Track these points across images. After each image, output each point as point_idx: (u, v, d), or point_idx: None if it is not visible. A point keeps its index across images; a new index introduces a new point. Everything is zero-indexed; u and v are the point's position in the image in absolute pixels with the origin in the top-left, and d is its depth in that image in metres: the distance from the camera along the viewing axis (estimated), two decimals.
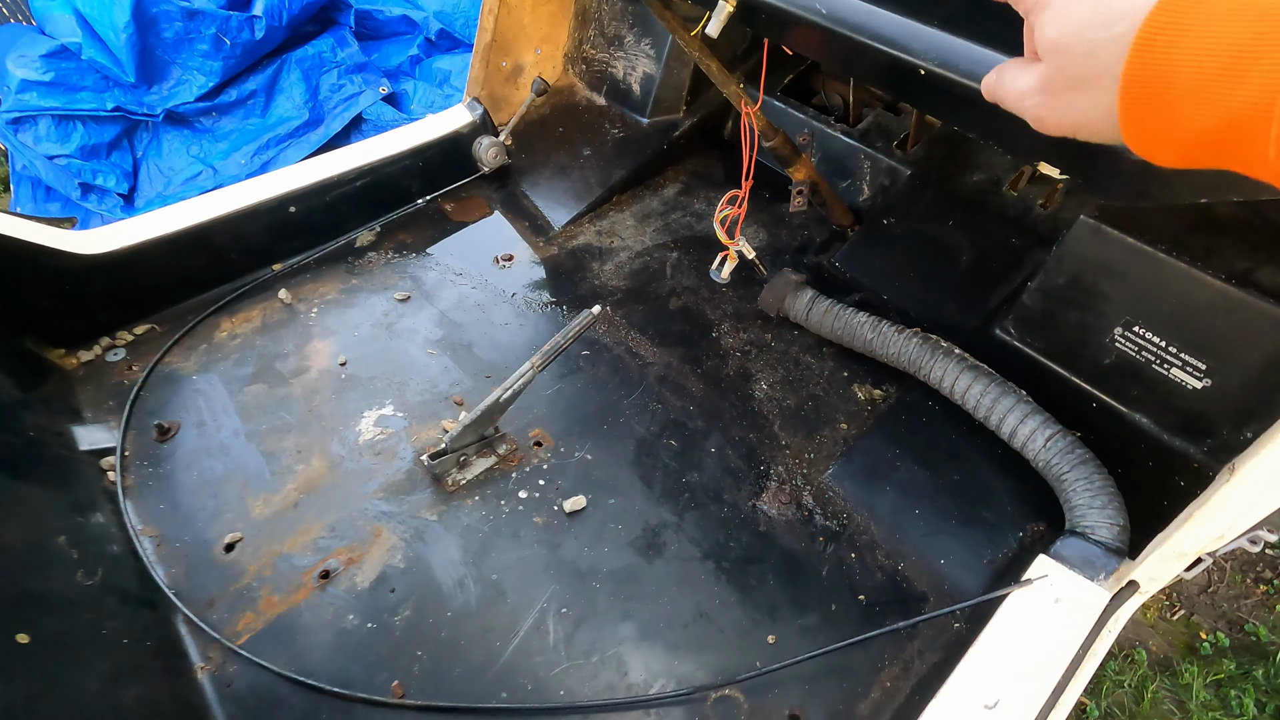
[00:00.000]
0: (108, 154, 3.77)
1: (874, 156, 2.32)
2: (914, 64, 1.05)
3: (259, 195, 2.09)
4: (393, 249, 2.29)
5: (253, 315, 2.06)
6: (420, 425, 1.80)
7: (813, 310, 1.97)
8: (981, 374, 1.68)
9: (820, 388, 1.95)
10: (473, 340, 2.02)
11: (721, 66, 1.85)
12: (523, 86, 2.65)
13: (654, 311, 2.13)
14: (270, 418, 1.80)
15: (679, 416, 1.86)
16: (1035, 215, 2.06)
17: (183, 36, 3.57)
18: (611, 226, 2.40)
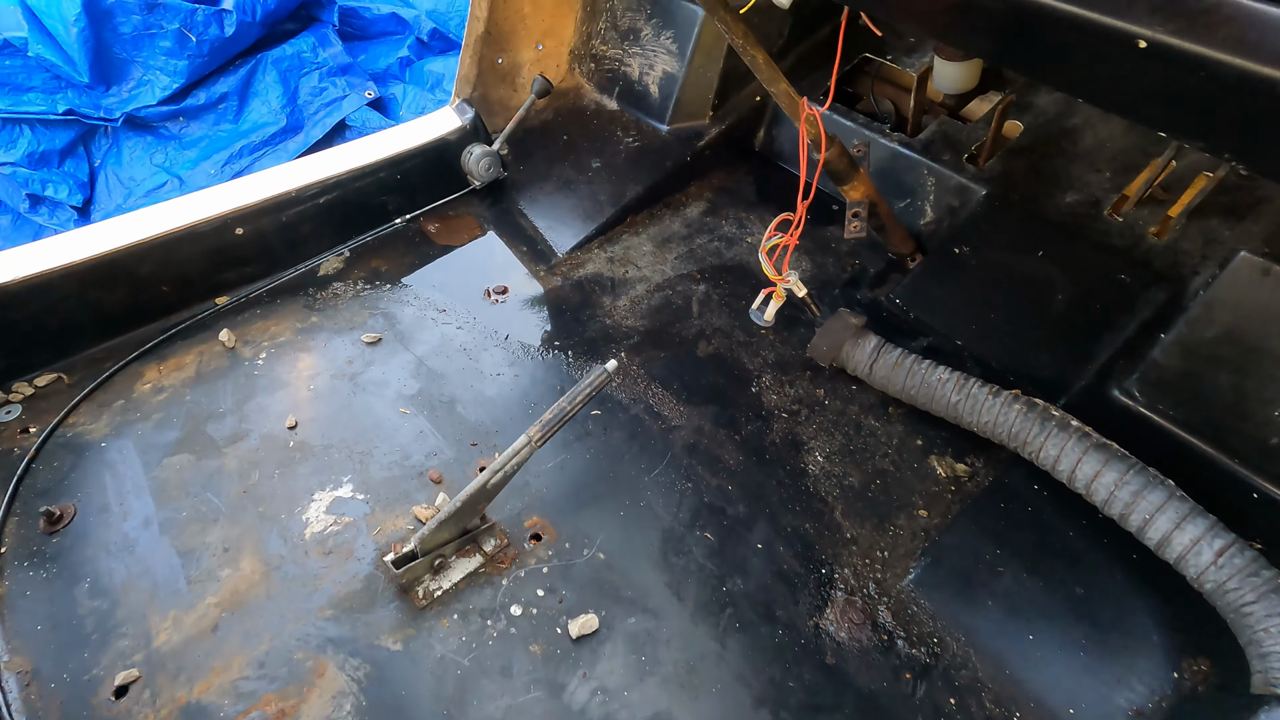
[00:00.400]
0: (60, 162, 3.39)
1: (939, 172, 1.95)
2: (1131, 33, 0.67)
3: (197, 214, 1.71)
4: (363, 278, 1.90)
5: (185, 362, 1.67)
6: (385, 512, 1.41)
7: (878, 363, 1.59)
8: (1114, 456, 1.29)
9: (889, 460, 1.56)
10: (456, 396, 1.63)
11: (769, 59, 1.47)
12: (521, 87, 2.28)
13: (679, 359, 1.74)
14: (193, 501, 1.40)
15: (715, 499, 1.47)
16: (1148, 246, 1.68)
17: (142, 31, 3.20)
18: (625, 253, 2.01)
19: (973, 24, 0.84)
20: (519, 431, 1.56)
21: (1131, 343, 1.57)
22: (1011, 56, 0.87)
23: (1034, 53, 0.84)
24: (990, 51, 0.87)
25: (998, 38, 0.84)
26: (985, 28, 0.83)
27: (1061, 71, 0.85)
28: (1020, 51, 0.84)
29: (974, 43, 0.90)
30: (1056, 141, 1.87)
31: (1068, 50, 0.79)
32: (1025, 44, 0.83)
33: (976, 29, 0.84)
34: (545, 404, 1.62)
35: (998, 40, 0.85)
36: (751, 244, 2.05)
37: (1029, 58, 0.86)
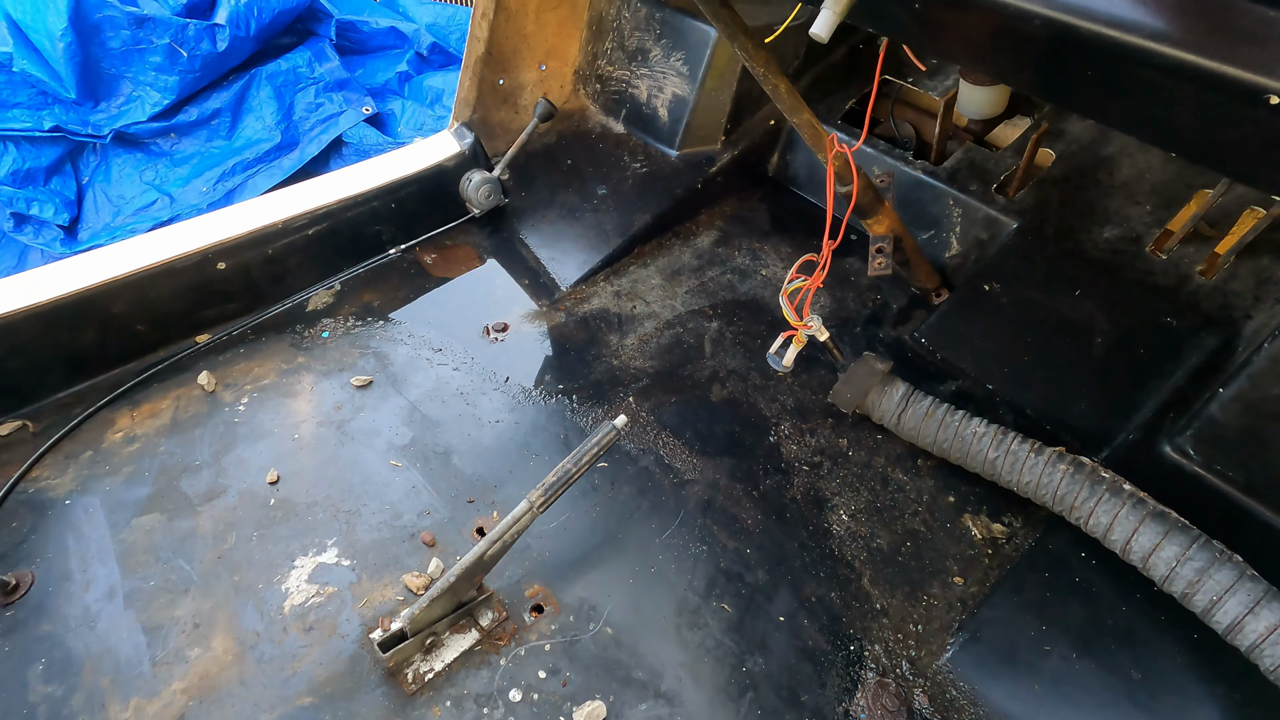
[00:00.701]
0: (45, 180, 3.28)
1: (966, 203, 1.84)
2: (1253, 85, 0.56)
3: (176, 249, 1.59)
4: (354, 314, 1.78)
5: (161, 407, 1.55)
6: (373, 580, 1.29)
7: (907, 412, 1.47)
8: (1174, 527, 1.17)
9: (920, 519, 1.44)
10: (451, 446, 1.51)
11: (792, 88, 1.37)
12: (523, 109, 2.17)
13: (691, 405, 1.62)
14: (163, 569, 1.28)
15: (732, 564, 1.35)
16: (1195, 286, 1.57)
17: (131, 47, 3.10)
18: (633, 286, 1.90)
19: (1018, 55, 0.73)
20: (519, 485, 1.45)
21: (1181, 393, 1.45)
22: (1055, 90, 0.76)
23: (1078, 85, 0.73)
24: (1031, 83, 0.76)
25: (1039, 69, 0.74)
26: (1027, 58, 0.73)
27: (1123, 110, 0.73)
28: (1063, 84, 0.73)
29: (1016, 76, 0.79)
30: (1092, 172, 1.76)
31: (1132, 87, 0.68)
32: (1067, 75, 0.72)
33: (1022, 61, 0.74)
34: (547, 454, 1.51)
35: (1036, 71, 0.74)
36: (766, 276, 1.94)
37: (1071, 89, 0.75)
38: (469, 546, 1.35)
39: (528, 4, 1.99)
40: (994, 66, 0.78)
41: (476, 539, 1.37)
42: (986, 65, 0.80)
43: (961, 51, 0.78)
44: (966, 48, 0.77)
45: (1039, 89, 0.75)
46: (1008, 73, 0.78)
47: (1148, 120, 0.70)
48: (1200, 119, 0.67)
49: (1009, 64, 0.75)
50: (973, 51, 0.77)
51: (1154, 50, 0.59)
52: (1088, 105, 0.71)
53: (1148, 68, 0.62)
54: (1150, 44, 0.60)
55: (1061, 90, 0.71)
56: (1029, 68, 0.73)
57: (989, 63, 0.79)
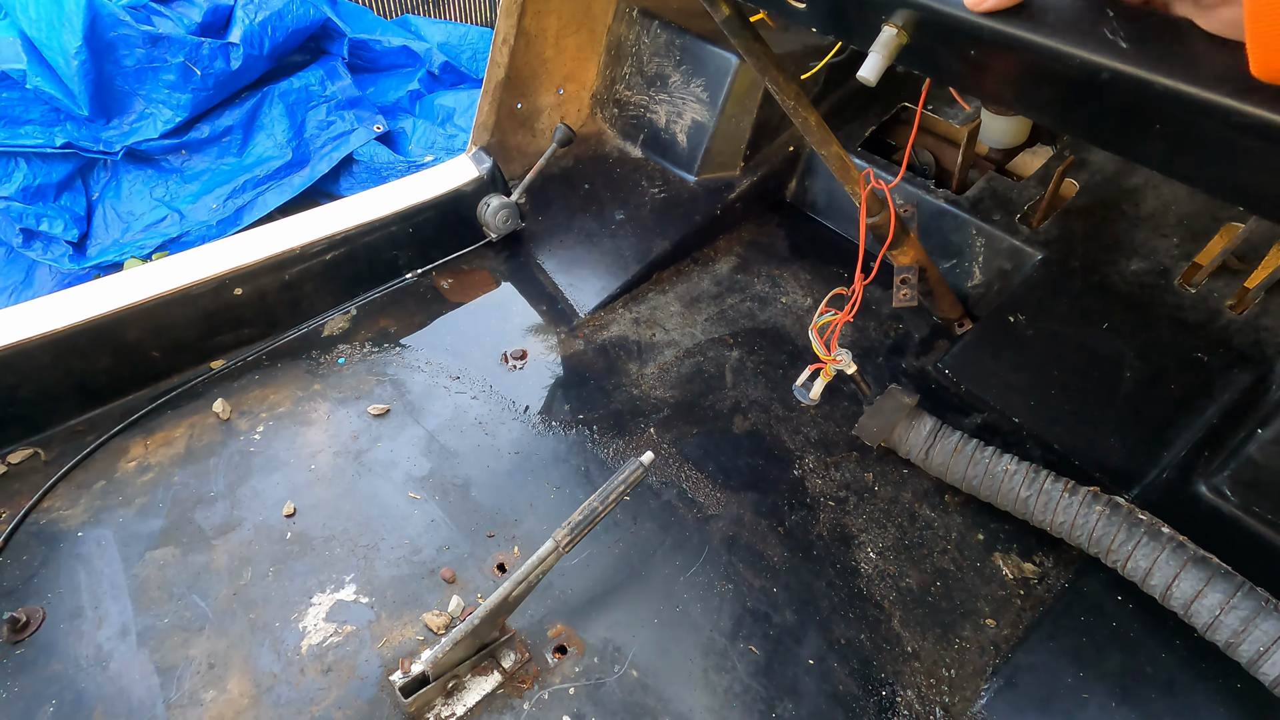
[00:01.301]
0: (56, 196, 3.27)
1: (990, 233, 1.82)
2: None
3: (192, 275, 1.57)
4: (370, 340, 1.76)
5: (175, 435, 1.52)
6: (392, 619, 1.26)
7: (935, 448, 1.45)
8: (1217, 573, 1.15)
9: (949, 558, 1.41)
10: (470, 478, 1.48)
11: (822, 121, 1.35)
12: (541, 132, 2.16)
13: (714, 437, 1.60)
14: (177, 605, 1.25)
15: (759, 603, 1.32)
16: (1225, 321, 1.55)
17: (145, 65, 3.10)
18: (652, 313, 1.88)
19: (1078, 105, 0.71)
20: (539, 519, 1.42)
21: (1215, 431, 1.43)
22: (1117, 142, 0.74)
23: (1142, 137, 0.71)
24: (1091, 133, 0.74)
25: (1100, 119, 0.72)
26: (1089, 109, 0.71)
27: (1192, 164, 0.71)
28: (1127, 136, 0.72)
29: (1075, 125, 0.77)
30: (1117, 203, 1.75)
31: (1202, 141, 0.66)
32: (1132, 126, 0.70)
33: (1083, 111, 0.72)
34: (568, 487, 1.48)
35: (1098, 121, 0.73)
36: (785, 304, 1.92)
37: (1134, 141, 0.73)
38: (490, 583, 1.32)
39: (547, 29, 1.98)
40: (1051, 115, 0.76)
41: (497, 575, 1.34)
42: (1043, 114, 0.78)
43: (1018, 98, 0.76)
44: (1024, 94, 0.76)
45: (1099, 139, 0.73)
46: (1065, 121, 0.76)
47: (1218, 175, 0.68)
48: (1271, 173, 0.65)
49: (1069, 113, 0.73)
50: (1031, 99, 0.75)
51: (1229, 106, 0.58)
52: (1152, 158, 0.69)
53: (1221, 123, 0.60)
54: (1227, 101, 0.58)
55: (1124, 142, 0.69)
56: (1090, 117, 0.71)
57: (1047, 111, 0.77)
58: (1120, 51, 0.63)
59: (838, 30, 0.91)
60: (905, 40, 0.81)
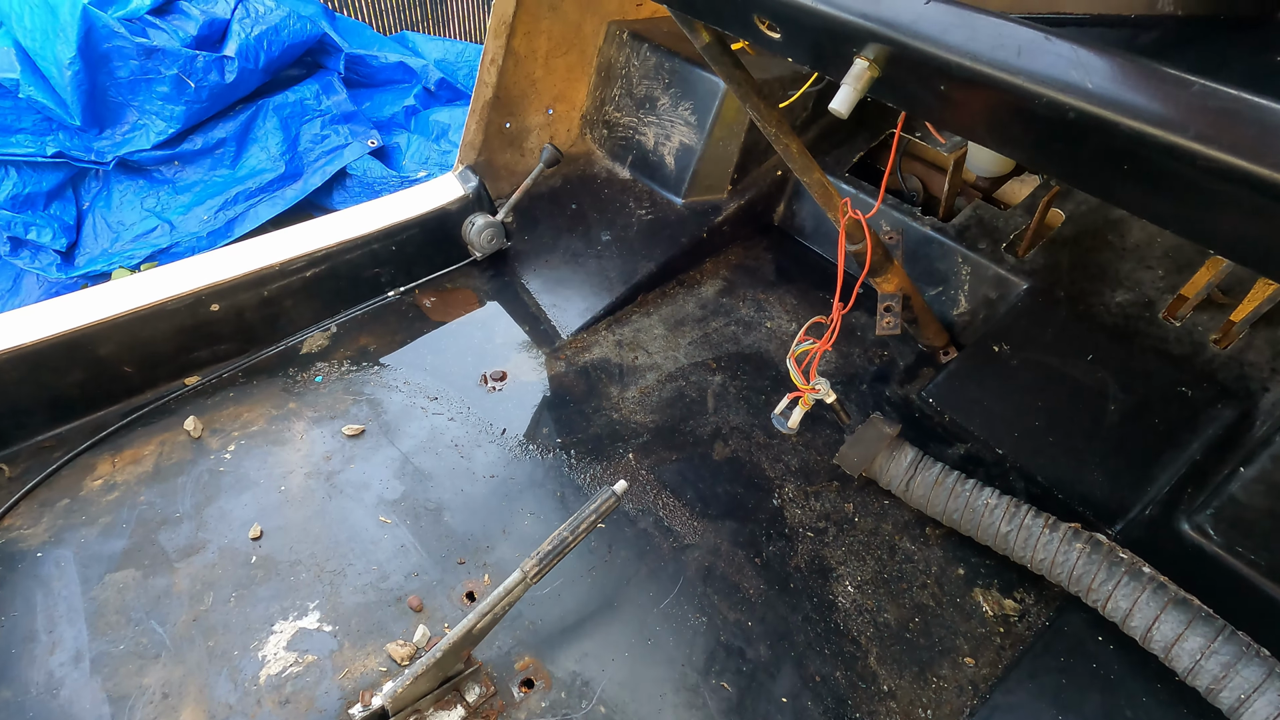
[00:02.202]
0: (45, 205, 3.26)
1: (976, 261, 1.81)
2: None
3: (169, 290, 1.55)
4: (349, 358, 1.74)
5: (144, 453, 1.49)
6: (355, 649, 1.22)
7: (916, 479, 1.42)
8: (1198, 617, 1.12)
9: (928, 593, 1.38)
10: (444, 502, 1.46)
11: (804, 148, 1.35)
12: (529, 151, 2.16)
13: (693, 463, 1.57)
14: (134, 631, 1.22)
15: (732, 638, 1.29)
16: (1210, 355, 1.53)
17: (139, 76, 3.10)
18: (635, 336, 1.86)
19: (1049, 142, 0.70)
20: (512, 546, 1.40)
21: (1198, 467, 1.41)
22: (1089, 181, 0.73)
23: (1114, 178, 0.70)
24: (1061, 172, 0.73)
25: (1070, 158, 0.71)
26: (1059, 146, 0.70)
27: (1164, 207, 0.70)
28: (1097, 176, 0.70)
29: (1045, 163, 0.75)
30: (1102, 234, 1.74)
31: (1176, 186, 0.65)
32: (1104, 167, 0.69)
33: (1053, 149, 0.71)
34: (543, 513, 1.45)
35: (1067, 160, 0.71)
36: (770, 329, 1.91)
37: (1107, 182, 0.71)
38: (458, 611, 1.29)
39: (537, 50, 1.98)
40: (1023, 152, 0.75)
41: (466, 604, 1.31)
42: (1015, 151, 0.77)
43: (989, 134, 0.75)
44: (994, 130, 0.74)
45: (1070, 178, 0.72)
46: (1036, 159, 0.75)
47: (1186, 218, 0.67)
48: (1236, 218, 0.64)
49: (1039, 151, 0.72)
50: (1001, 135, 0.74)
51: (1198, 151, 0.56)
52: (1123, 199, 0.68)
53: (1189, 166, 0.59)
54: (1194, 145, 0.57)
55: (1095, 182, 0.68)
56: (1060, 155, 0.70)
57: (1018, 148, 0.76)
58: (1086, 92, 0.62)
59: (811, 60, 0.90)
60: (877, 73, 0.80)
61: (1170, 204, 0.65)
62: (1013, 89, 0.66)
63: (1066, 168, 0.71)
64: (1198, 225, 0.67)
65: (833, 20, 0.78)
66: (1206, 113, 0.56)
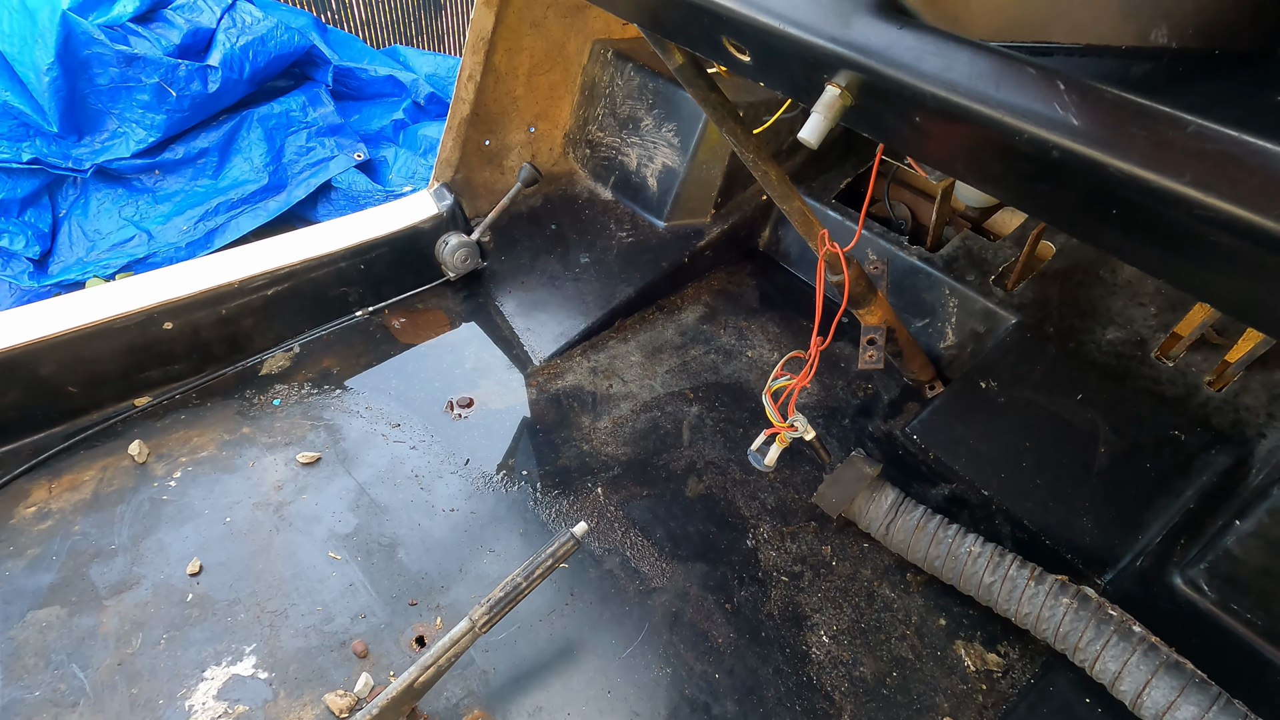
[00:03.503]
0: (20, 211, 3.19)
1: (963, 293, 1.76)
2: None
3: (117, 307, 1.48)
4: (310, 380, 1.67)
5: (83, 479, 1.41)
6: (291, 699, 1.14)
7: (896, 523, 1.35)
8: (1191, 683, 1.05)
9: (907, 645, 1.31)
10: (398, 537, 1.38)
11: (783, 175, 1.29)
12: (509, 170, 2.10)
13: (664, 500, 1.50)
14: (52, 676, 1.13)
15: (698, 691, 1.21)
16: (1204, 398, 1.47)
17: (119, 84, 3.05)
18: (611, 363, 1.80)
19: (1027, 180, 0.64)
20: (468, 587, 1.32)
21: (1192, 516, 1.34)
22: (1068, 222, 0.67)
23: (1094, 219, 0.64)
24: (1039, 209, 0.67)
25: (1047, 196, 0.65)
26: (1038, 185, 0.64)
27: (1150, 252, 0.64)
28: (1077, 216, 0.64)
29: (1022, 199, 0.70)
30: (1093, 268, 1.69)
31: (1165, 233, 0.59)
32: (1085, 208, 0.63)
33: (1032, 187, 0.65)
34: (504, 552, 1.38)
35: (1044, 198, 0.66)
36: (751, 358, 1.84)
37: (1086, 222, 0.66)
38: (405, 658, 1.21)
39: (519, 67, 1.94)
40: (1003, 190, 0.70)
41: (415, 649, 1.23)
42: (995, 189, 0.71)
43: (967, 170, 0.70)
44: (972, 166, 0.69)
45: (1054, 219, 0.66)
46: (1017, 198, 0.69)
47: (1179, 268, 0.61)
48: (1233, 270, 0.58)
49: (1020, 191, 0.67)
50: (980, 172, 0.68)
51: (1195, 198, 0.50)
52: (1110, 244, 0.62)
53: (1188, 214, 0.53)
54: (1191, 192, 0.51)
55: (1080, 225, 0.62)
56: (1043, 196, 0.64)
57: (998, 186, 0.70)
58: (1071, 129, 0.56)
59: (782, 86, 0.84)
60: (849, 101, 0.74)
61: (1162, 252, 0.59)
62: (991, 123, 0.60)
63: (1050, 209, 0.65)
64: (1191, 276, 0.61)
65: (801, 44, 0.73)
66: (1205, 156, 0.50)
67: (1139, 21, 0.71)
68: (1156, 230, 0.57)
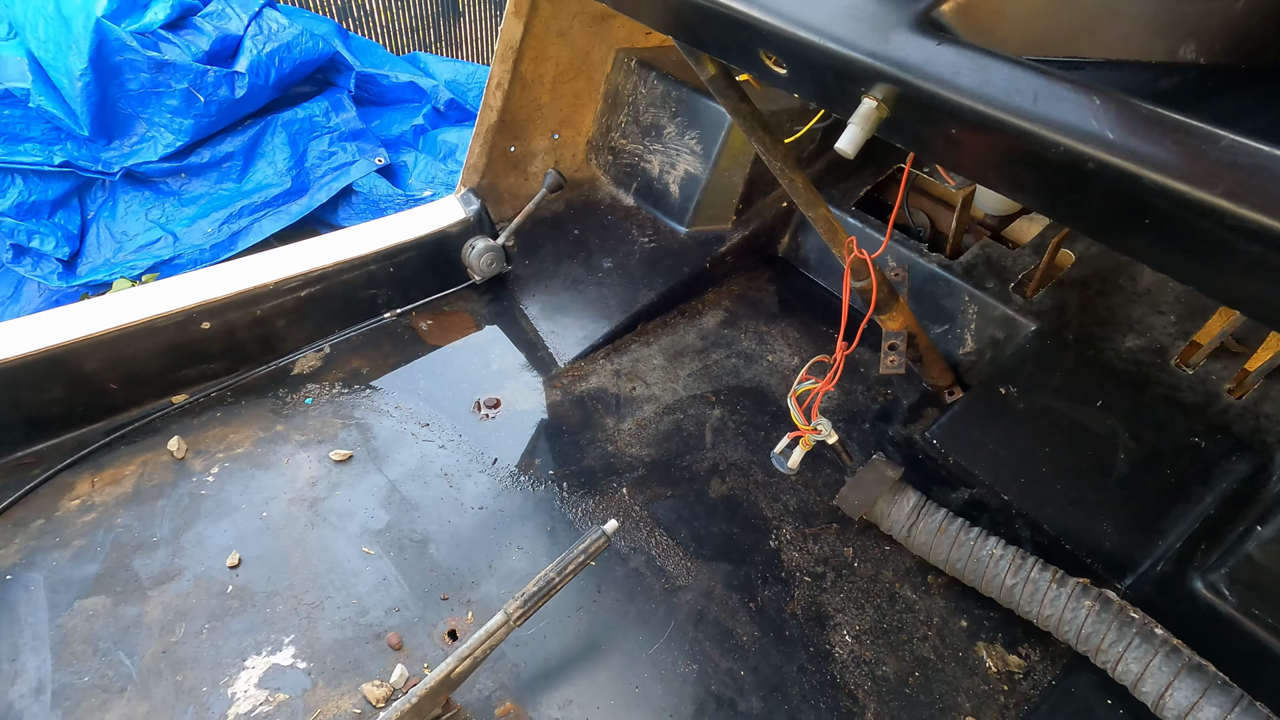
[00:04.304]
0: (50, 213, 3.26)
1: (983, 300, 1.78)
2: None
3: (158, 307, 1.53)
4: (341, 380, 1.71)
5: (125, 473, 1.46)
6: (329, 688, 1.17)
7: (919, 526, 1.38)
8: (1214, 685, 1.07)
9: (929, 645, 1.33)
10: (429, 534, 1.41)
11: (809, 183, 1.32)
12: (533, 176, 2.14)
13: (688, 501, 1.53)
14: (100, 662, 1.17)
15: (724, 687, 1.24)
16: (1224, 405, 1.49)
17: (149, 89, 3.11)
18: (634, 366, 1.83)
19: (1063, 192, 0.67)
20: (498, 583, 1.35)
21: (1212, 522, 1.36)
22: (1101, 232, 0.69)
23: (1129, 229, 0.66)
24: (1074, 222, 0.69)
25: (1084, 209, 0.67)
26: (1075, 197, 0.66)
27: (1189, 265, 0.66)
28: (1111, 226, 0.67)
29: (1058, 211, 0.72)
30: (1113, 276, 1.71)
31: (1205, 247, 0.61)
32: (1119, 218, 0.66)
33: (1069, 199, 0.67)
34: (532, 548, 1.41)
35: (1081, 211, 0.68)
36: (772, 362, 1.87)
37: (1121, 233, 0.68)
38: (439, 651, 1.24)
39: (544, 75, 1.98)
40: (1035, 200, 0.72)
41: (447, 643, 1.26)
42: (1027, 198, 0.74)
43: (999, 180, 0.72)
44: (1005, 177, 0.71)
45: (1085, 228, 0.69)
46: (1049, 208, 0.72)
47: (1208, 276, 0.64)
48: (1264, 278, 0.60)
49: (1053, 200, 0.69)
50: (1013, 182, 0.71)
51: (1227, 209, 0.53)
52: (1141, 253, 0.64)
53: (1219, 224, 0.55)
54: (1223, 203, 0.53)
55: (1111, 234, 0.65)
56: (1075, 206, 0.67)
57: (1030, 196, 0.72)
58: (1107, 142, 0.59)
59: (818, 98, 0.87)
60: (885, 114, 0.77)
61: (1192, 261, 0.62)
62: (1028, 136, 0.63)
63: (1082, 218, 0.68)
64: (1220, 283, 0.63)
65: (841, 59, 0.76)
66: (1237, 169, 0.52)
67: (1167, 38, 0.74)
68: (1187, 239, 0.59)
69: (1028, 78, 0.63)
